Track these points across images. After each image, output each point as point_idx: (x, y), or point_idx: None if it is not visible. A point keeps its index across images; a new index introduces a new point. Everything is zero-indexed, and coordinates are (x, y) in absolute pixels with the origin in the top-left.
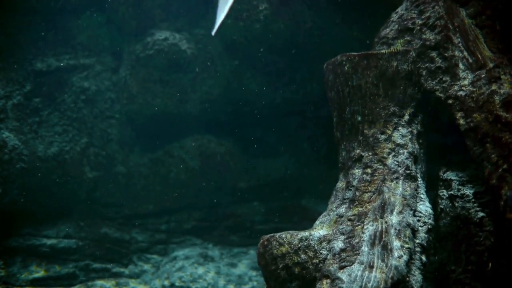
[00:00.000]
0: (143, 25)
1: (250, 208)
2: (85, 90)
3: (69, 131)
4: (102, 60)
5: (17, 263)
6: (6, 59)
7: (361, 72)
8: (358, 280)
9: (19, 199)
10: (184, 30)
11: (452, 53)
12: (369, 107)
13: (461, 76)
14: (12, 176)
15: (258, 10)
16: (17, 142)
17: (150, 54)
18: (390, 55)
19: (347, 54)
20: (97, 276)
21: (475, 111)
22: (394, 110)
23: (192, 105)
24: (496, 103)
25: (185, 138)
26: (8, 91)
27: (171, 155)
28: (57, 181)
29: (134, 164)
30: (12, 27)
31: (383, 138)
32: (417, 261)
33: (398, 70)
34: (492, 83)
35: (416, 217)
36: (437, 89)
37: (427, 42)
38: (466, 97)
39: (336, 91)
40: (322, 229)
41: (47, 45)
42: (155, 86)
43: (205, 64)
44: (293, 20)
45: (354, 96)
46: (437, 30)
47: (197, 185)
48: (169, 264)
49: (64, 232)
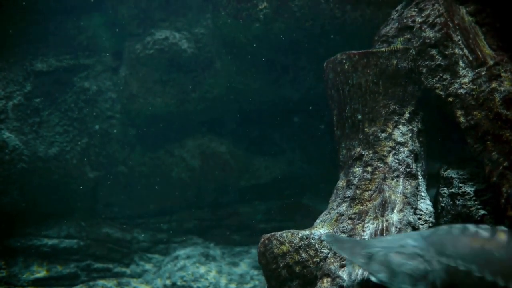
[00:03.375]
0: (143, 25)
1: (251, 207)
2: (86, 90)
3: (69, 131)
4: (102, 60)
5: (18, 263)
6: (6, 59)
7: (361, 71)
8: (358, 278)
9: (20, 199)
10: (184, 30)
11: (452, 51)
12: (369, 105)
13: (461, 73)
14: (13, 177)
15: (258, 9)
16: (17, 143)
17: (150, 54)
18: (390, 53)
19: (347, 52)
20: (99, 276)
21: (475, 109)
22: (394, 108)
23: (193, 105)
24: (497, 100)
25: (186, 138)
26: (8, 91)
27: (172, 154)
28: (58, 181)
29: (135, 164)
30: (13, 28)
31: (383, 136)
32: None
33: (398, 68)
34: (492, 80)
35: (417, 215)
36: (438, 87)
37: (427, 40)
38: (467, 94)
39: (336, 90)
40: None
41: (47, 45)
42: (156, 86)
43: (205, 63)
44: (293, 18)
45: (354, 94)
46: (437, 28)
47: (198, 184)
48: (170, 264)
49: (66, 232)
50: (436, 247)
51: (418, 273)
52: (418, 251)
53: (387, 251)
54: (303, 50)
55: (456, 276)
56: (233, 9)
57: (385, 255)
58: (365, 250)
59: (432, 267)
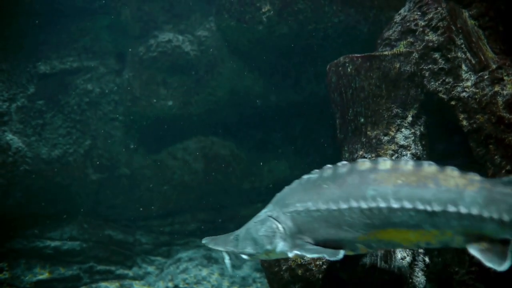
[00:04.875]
0: (146, 27)
1: (254, 209)
2: (89, 93)
3: (72, 134)
4: (105, 63)
5: (21, 265)
6: (10, 62)
7: (364, 74)
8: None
9: (23, 201)
10: (187, 32)
11: (455, 54)
12: (372, 108)
13: (464, 77)
14: (16, 179)
15: (261, 12)
16: (21, 145)
17: (153, 56)
18: (393, 56)
19: (350, 55)
20: (101, 278)
21: (478, 112)
22: (397, 111)
23: (196, 107)
24: (499, 104)
25: (189, 140)
26: (12, 93)
27: (175, 156)
28: (61, 184)
29: (138, 166)
30: (16, 30)
31: (386, 139)
32: (420, 263)
33: (401, 72)
34: (495, 84)
35: None
36: (440, 90)
37: (430, 44)
38: (469, 98)
39: (339, 93)
40: None
41: (50, 47)
42: (159, 88)
43: (208, 66)
44: (297, 21)
45: (357, 97)
46: (440, 31)
47: (201, 186)
48: (173, 266)
49: (68, 234)
50: (279, 203)
51: (271, 230)
52: (268, 213)
53: (247, 227)
54: (306, 53)
55: (299, 218)
56: (236, 12)
57: (245, 230)
58: (232, 236)
59: (280, 220)
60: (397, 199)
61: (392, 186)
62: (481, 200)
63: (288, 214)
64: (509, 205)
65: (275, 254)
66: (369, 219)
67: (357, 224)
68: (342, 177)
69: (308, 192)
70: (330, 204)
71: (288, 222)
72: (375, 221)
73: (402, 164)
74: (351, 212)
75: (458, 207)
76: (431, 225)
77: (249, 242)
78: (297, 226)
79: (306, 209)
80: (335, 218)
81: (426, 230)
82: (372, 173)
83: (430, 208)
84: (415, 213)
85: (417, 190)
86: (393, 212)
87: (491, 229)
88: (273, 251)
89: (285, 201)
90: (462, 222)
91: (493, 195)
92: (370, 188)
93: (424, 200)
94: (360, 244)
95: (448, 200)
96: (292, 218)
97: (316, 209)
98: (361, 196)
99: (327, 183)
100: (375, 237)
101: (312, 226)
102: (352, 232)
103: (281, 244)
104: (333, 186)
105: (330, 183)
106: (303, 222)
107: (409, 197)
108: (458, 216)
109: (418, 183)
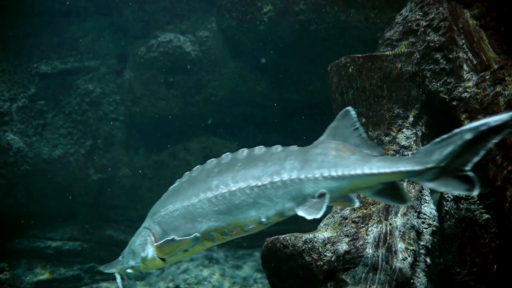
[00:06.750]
0: (147, 28)
1: None
2: (90, 93)
3: (73, 134)
4: (106, 63)
5: (21, 266)
6: (11, 62)
7: (365, 74)
8: (362, 282)
9: (24, 202)
10: (188, 32)
11: (457, 54)
12: (374, 109)
13: (466, 77)
14: (16, 179)
15: (262, 12)
16: (21, 145)
17: (154, 56)
18: (394, 56)
19: (351, 56)
20: (102, 278)
21: (479, 113)
22: (398, 112)
23: (197, 107)
24: (501, 104)
25: (190, 140)
26: (13, 93)
27: (176, 157)
28: (61, 184)
29: (139, 166)
30: (17, 30)
31: (387, 140)
32: (421, 263)
33: (403, 72)
34: (497, 84)
35: (421, 219)
36: (442, 90)
37: (432, 44)
38: (471, 98)
39: (340, 93)
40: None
41: (51, 47)
42: (160, 88)
43: (209, 66)
44: (298, 21)
45: (358, 98)
46: (441, 31)
47: None
48: (174, 267)
49: (69, 235)
50: (150, 214)
51: (144, 239)
52: (144, 225)
53: (129, 243)
54: (307, 53)
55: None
56: (237, 12)
57: (128, 246)
58: (120, 255)
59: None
60: (234, 182)
61: (231, 172)
62: (298, 165)
63: (156, 220)
64: (319, 163)
65: (149, 261)
66: (216, 206)
67: (208, 213)
68: (194, 178)
69: (170, 198)
70: (184, 201)
71: (156, 228)
72: (221, 207)
73: (239, 153)
74: (201, 204)
75: (282, 176)
76: (265, 199)
77: (131, 256)
78: (163, 229)
79: (168, 212)
80: (190, 212)
81: (262, 204)
82: (216, 167)
83: (260, 182)
84: (250, 190)
85: (249, 170)
86: (233, 194)
87: (309, 188)
88: (146, 257)
89: (154, 211)
90: (287, 189)
91: (307, 158)
92: (215, 179)
93: (255, 177)
94: (215, 233)
95: (273, 172)
96: (159, 223)
97: (175, 209)
98: (208, 187)
99: (183, 185)
100: (225, 223)
101: (174, 225)
102: (205, 222)
103: (151, 249)
104: (187, 186)
105: (186, 184)
106: (167, 223)
107: (243, 177)
108: (283, 183)
109: (250, 164)
